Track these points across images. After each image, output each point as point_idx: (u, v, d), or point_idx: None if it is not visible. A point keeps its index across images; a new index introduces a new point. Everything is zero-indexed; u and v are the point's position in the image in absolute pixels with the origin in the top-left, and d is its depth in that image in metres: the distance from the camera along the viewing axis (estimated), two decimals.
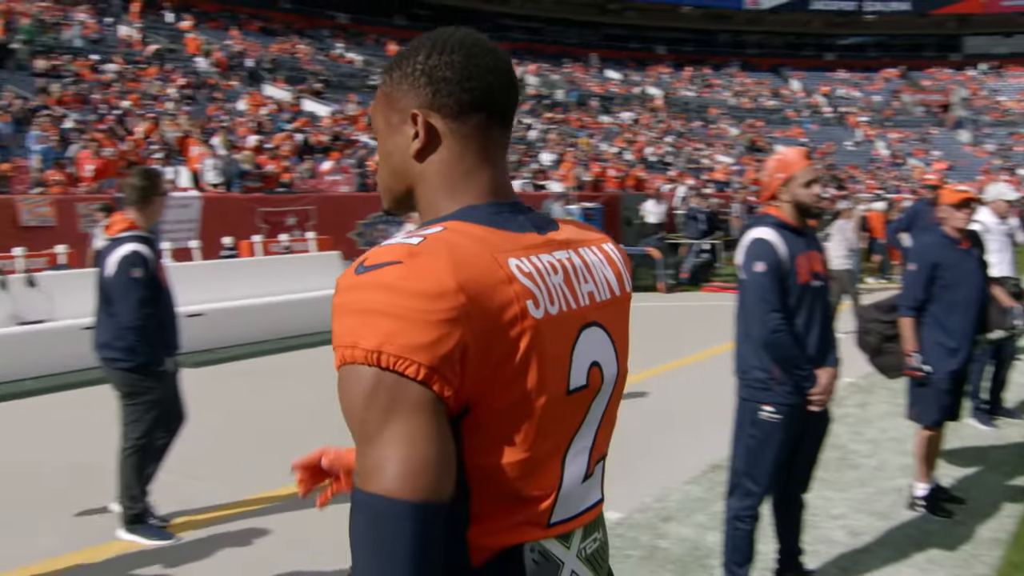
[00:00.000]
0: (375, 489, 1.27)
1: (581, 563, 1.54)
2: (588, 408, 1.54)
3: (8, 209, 16.42)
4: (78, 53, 29.63)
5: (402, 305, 1.28)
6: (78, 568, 5.38)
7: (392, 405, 1.28)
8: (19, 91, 24.21)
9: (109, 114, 23.49)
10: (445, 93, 1.51)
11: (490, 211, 1.49)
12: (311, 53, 41.60)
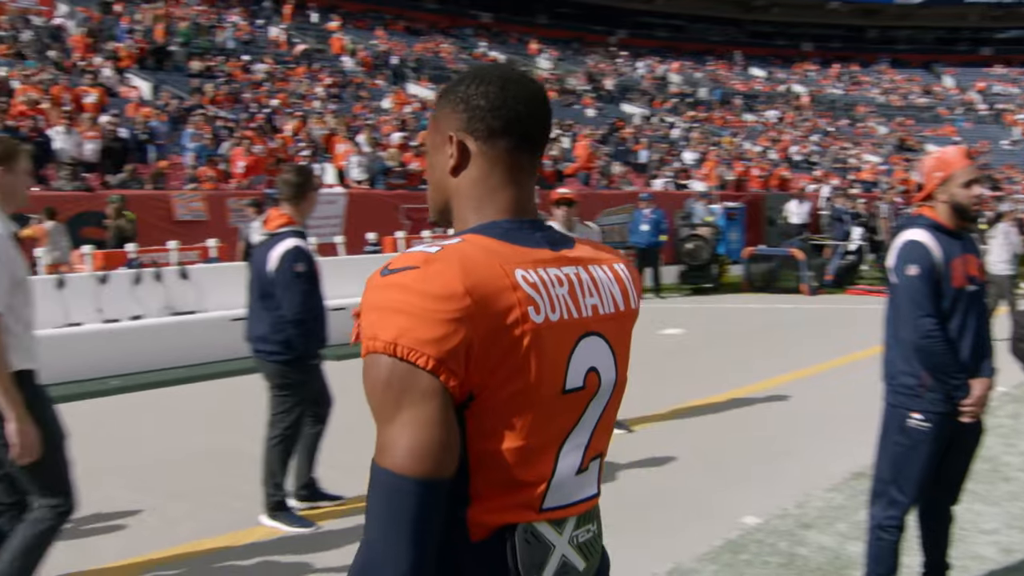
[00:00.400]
0: (387, 465, 1.50)
1: (573, 549, 1.71)
2: (584, 409, 1.71)
3: (163, 204, 17.03)
4: (231, 54, 30.56)
5: (416, 304, 1.49)
6: (220, 552, 5.51)
7: (404, 391, 1.50)
8: (175, 91, 25.12)
9: (259, 113, 24.17)
10: (478, 118, 1.71)
11: (508, 227, 1.68)
12: (454, 52, 42.06)
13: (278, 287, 5.57)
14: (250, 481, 6.19)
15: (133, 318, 11.58)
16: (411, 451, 1.48)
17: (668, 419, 8.47)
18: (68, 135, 18.42)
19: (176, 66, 28.18)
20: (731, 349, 12.36)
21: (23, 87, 21.25)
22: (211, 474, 6.95)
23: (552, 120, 1.82)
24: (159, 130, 21.22)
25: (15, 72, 22.79)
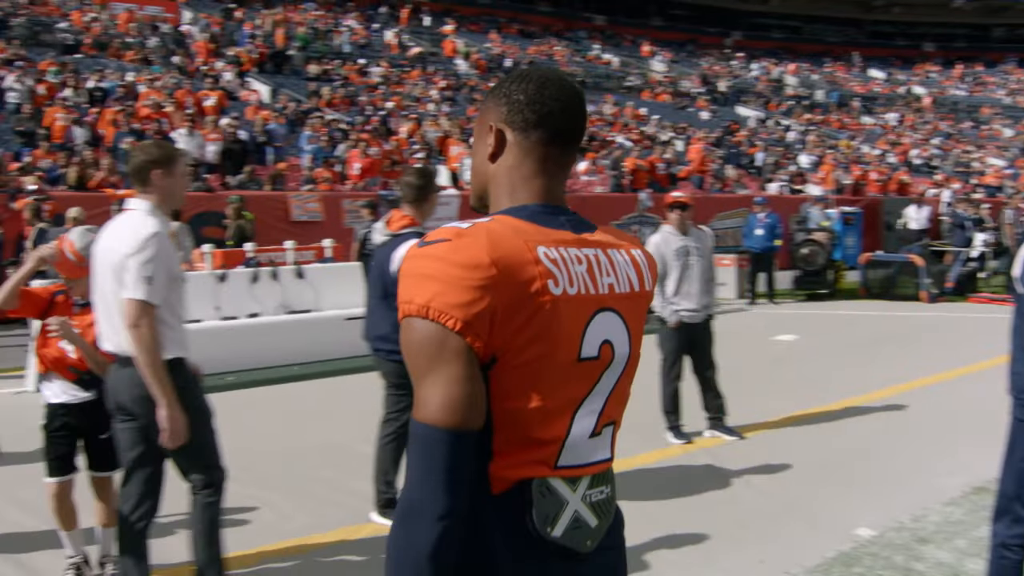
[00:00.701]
0: (421, 419, 1.69)
1: (586, 507, 1.88)
2: (599, 377, 1.87)
3: (281, 205, 17.38)
4: (347, 58, 31.08)
5: (447, 272, 1.68)
6: (330, 547, 5.59)
7: (436, 351, 1.68)
8: (293, 94, 25.64)
9: (375, 115, 24.50)
10: (516, 111, 1.91)
11: (535, 210, 1.87)
12: (568, 55, 42.06)
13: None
14: (362, 478, 6.24)
15: (250, 316, 11.79)
16: (442, 405, 1.67)
17: (780, 427, 8.32)
18: (190, 137, 18.94)
19: (294, 70, 28.79)
20: (846, 357, 12.09)
21: (148, 91, 21.94)
22: (324, 470, 7.05)
23: (586, 120, 2.00)
24: (277, 132, 21.69)
25: (141, 77, 23.56)
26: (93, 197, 15.59)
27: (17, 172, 16.13)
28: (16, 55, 23.29)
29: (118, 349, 4.18)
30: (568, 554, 1.84)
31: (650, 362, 8.32)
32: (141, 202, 4.25)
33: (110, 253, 4.13)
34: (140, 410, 4.17)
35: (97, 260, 4.24)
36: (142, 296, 4.01)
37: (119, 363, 4.21)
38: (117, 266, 4.06)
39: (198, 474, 4.38)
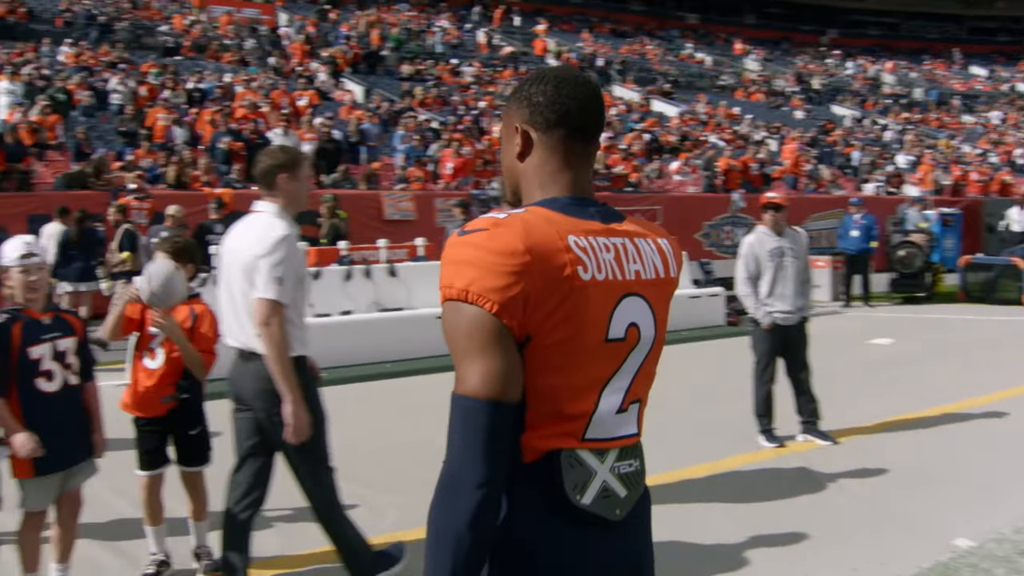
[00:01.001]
0: (462, 392, 1.81)
1: (614, 477, 1.99)
2: (625, 357, 1.99)
3: (374, 203, 17.56)
4: (439, 58, 31.30)
5: (484, 259, 1.81)
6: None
7: (474, 330, 1.80)
8: (386, 94, 25.91)
9: (467, 115, 24.62)
10: (537, 113, 2.04)
11: (566, 202, 1.99)
12: (660, 54, 41.83)
13: None
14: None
15: (343, 313, 11.91)
16: (481, 379, 1.79)
17: (875, 432, 8.15)
18: (285, 137, 19.22)
19: (387, 70, 29.08)
20: (944, 362, 11.80)
21: (245, 91, 22.35)
22: (416, 467, 7.09)
23: (604, 113, 2.12)
24: (371, 132, 21.94)
25: (238, 78, 24.02)
26: (191, 195, 15.92)
27: (119, 171, 16.53)
28: (119, 58, 23.94)
29: (243, 345, 4.37)
30: (598, 521, 1.96)
31: (742, 364, 8.26)
32: (268, 205, 4.43)
33: (240, 254, 4.30)
34: (260, 404, 4.36)
35: (225, 260, 4.44)
36: (273, 296, 4.17)
37: (243, 357, 4.40)
38: (248, 267, 4.23)
39: (308, 470, 4.52)
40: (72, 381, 4.57)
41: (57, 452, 4.46)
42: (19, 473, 4.46)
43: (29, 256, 4.46)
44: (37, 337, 4.43)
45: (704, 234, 21.40)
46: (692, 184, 23.44)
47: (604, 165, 22.20)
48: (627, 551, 2.05)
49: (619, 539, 2.02)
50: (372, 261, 12.94)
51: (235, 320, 4.41)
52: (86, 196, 15.24)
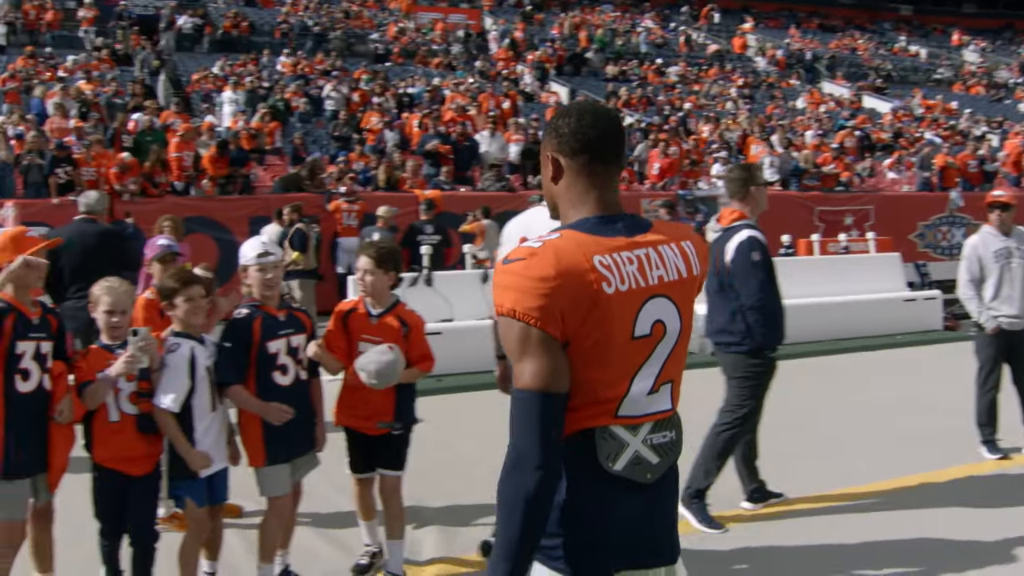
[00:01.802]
0: (519, 386, 2.21)
1: (647, 448, 2.34)
2: (653, 349, 2.33)
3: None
4: (644, 58, 31.05)
5: (522, 284, 2.18)
6: None
7: (525, 340, 2.19)
8: (591, 95, 25.84)
9: (673, 115, 24.32)
10: (564, 142, 2.39)
11: (594, 222, 2.33)
12: (872, 48, 40.27)
13: (736, 277, 5.73)
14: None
15: None
16: (533, 375, 2.19)
17: None
18: (492, 139, 19.40)
19: (592, 71, 29.03)
20: None
21: (453, 95, 22.70)
22: None
23: (623, 139, 2.44)
24: None
25: (447, 82, 24.41)
26: (401, 197, 16.24)
27: (335, 175, 17.01)
28: (333, 66, 24.70)
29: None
30: (631, 484, 2.32)
31: (962, 371, 7.75)
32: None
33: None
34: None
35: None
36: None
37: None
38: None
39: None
40: (303, 376, 4.76)
41: (288, 441, 4.67)
42: (254, 461, 4.68)
43: (266, 255, 4.67)
44: (275, 332, 4.63)
45: (919, 235, 20.44)
46: (906, 183, 22.41)
47: (813, 164, 21.49)
48: (656, 510, 2.40)
49: (649, 499, 2.37)
50: None
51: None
52: (301, 198, 15.71)
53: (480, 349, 10.28)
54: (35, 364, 4.28)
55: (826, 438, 7.76)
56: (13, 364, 4.24)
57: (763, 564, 5.28)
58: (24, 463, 4.27)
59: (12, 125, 16.87)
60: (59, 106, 17.95)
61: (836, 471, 6.82)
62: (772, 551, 5.44)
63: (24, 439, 4.25)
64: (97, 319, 4.51)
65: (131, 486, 4.41)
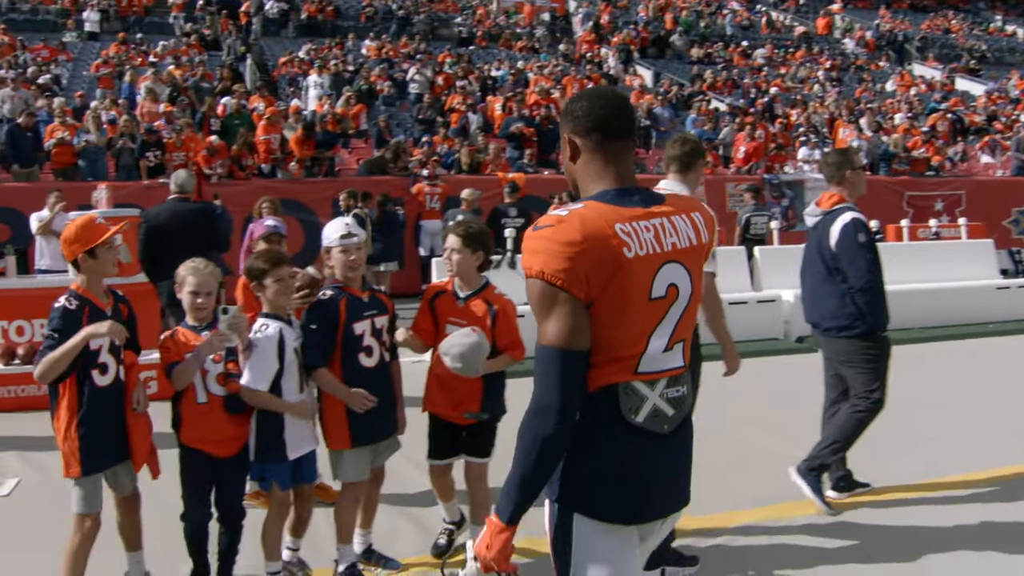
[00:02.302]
0: (544, 343, 2.41)
1: (663, 401, 2.54)
2: (667, 310, 2.51)
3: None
4: (730, 40, 30.65)
5: (550, 248, 2.36)
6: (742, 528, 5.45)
7: (550, 300, 2.38)
8: (676, 78, 25.60)
9: (759, 98, 23.97)
10: (579, 124, 2.58)
11: (613, 194, 2.51)
12: (965, 28, 39.19)
13: (843, 259, 5.67)
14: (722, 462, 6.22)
15: None
16: (557, 333, 2.39)
17: None
18: None
19: (676, 54, 28.74)
20: None
21: (536, 78, 22.64)
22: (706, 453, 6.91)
23: (632, 116, 2.62)
24: (661, 116, 21.70)
25: (530, 65, 24.36)
26: (485, 180, 16.25)
27: (420, 158, 17.08)
28: (417, 49, 24.80)
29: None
30: (650, 434, 2.52)
31: None
32: (676, 184, 5.03)
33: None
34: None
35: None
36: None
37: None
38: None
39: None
40: (386, 358, 4.74)
41: (371, 425, 4.63)
42: (335, 444, 4.65)
43: (349, 236, 4.62)
44: (360, 314, 4.61)
45: (1013, 221, 19.86)
46: (1000, 167, 21.81)
47: (903, 148, 21.02)
48: (673, 457, 2.62)
49: (667, 448, 2.58)
50: None
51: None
52: (386, 181, 15.84)
53: None
54: (111, 357, 4.24)
55: (917, 428, 7.56)
56: (91, 359, 4.19)
57: (844, 552, 5.20)
58: (102, 458, 4.26)
59: (105, 110, 17.21)
60: (150, 91, 18.33)
61: (926, 461, 6.69)
62: (855, 538, 5.37)
63: (103, 434, 4.22)
64: (182, 300, 4.51)
65: (219, 467, 4.44)
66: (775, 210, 17.63)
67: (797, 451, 6.02)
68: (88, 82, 21.28)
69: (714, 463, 5.97)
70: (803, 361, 10.18)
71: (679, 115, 22.34)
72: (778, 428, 7.45)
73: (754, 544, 5.33)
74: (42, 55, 22.62)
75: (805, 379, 7.52)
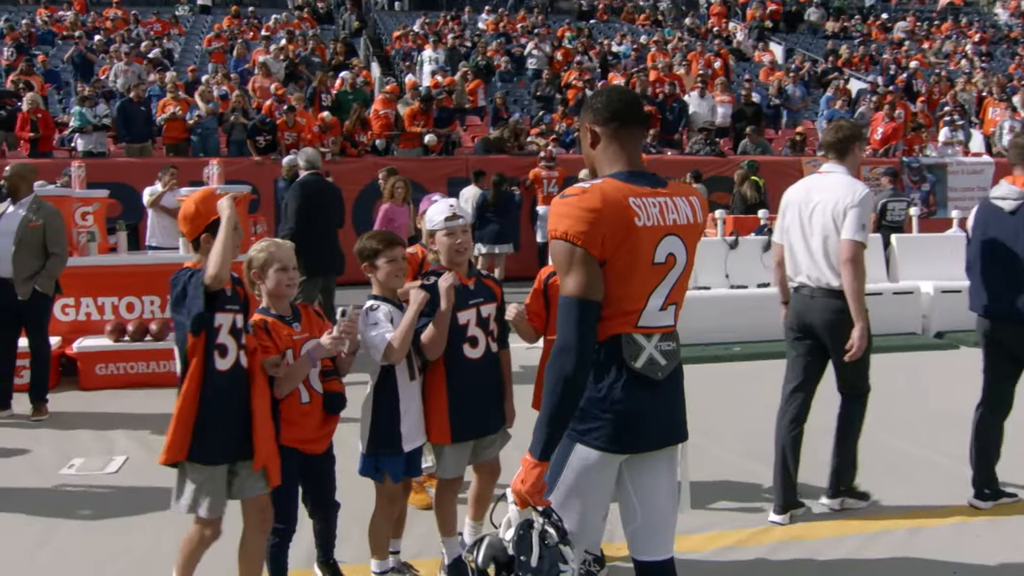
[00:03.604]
0: (564, 294, 2.84)
1: (657, 352, 2.99)
2: (665, 275, 2.96)
3: (795, 170, 16.56)
4: (868, 13, 29.28)
5: (575, 213, 2.80)
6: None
7: (571, 257, 2.81)
8: (809, 54, 24.44)
9: (899, 75, 22.70)
10: (598, 115, 3.04)
11: (626, 175, 2.96)
12: None
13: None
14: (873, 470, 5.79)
15: (760, 285, 11.07)
16: (576, 285, 2.80)
17: None
18: (702, 100, 18.47)
19: (811, 28, 27.56)
20: None
21: (659, 53, 21.82)
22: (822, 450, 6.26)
23: (643, 112, 3.10)
24: (793, 95, 20.62)
25: (653, 40, 23.52)
26: None
27: (536, 136, 16.52)
28: (535, 23, 24.20)
29: (814, 283, 5.21)
30: (646, 379, 2.96)
31: None
32: (838, 167, 5.27)
33: (827, 204, 5.10)
34: (826, 332, 5.25)
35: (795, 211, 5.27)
36: (860, 239, 5.02)
37: (810, 294, 5.25)
38: (836, 214, 5.06)
39: (855, 383, 5.43)
40: (493, 348, 4.53)
41: (474, 420, 4.46)
42: (436, 438, 4.44)
43: (454, 218, 4.42)
44: (464, 302, 4.40)
45: None
46: None
47: None
48: (665, 400, 3.03)
49: (661, 392, 3.00)
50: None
51: (808, 260, 5.23)
52: (503, 160, 15.34)
53: (686, 319, 9.86)
54: (231, 339, 3.90)
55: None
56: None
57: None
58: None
59: (217, 84, 17.07)
60: (262, 65, 18.11)
61: None
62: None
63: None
64: (268, 283, 4.16)
65: (310, 463, 4.28)
66: (914, 196, 16.71)
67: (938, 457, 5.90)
68: (200, 56, 21.30)
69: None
70: (942, 358, 9.75)
71: (811, 93, 21.22)
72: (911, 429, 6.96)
73: None
74: (155, 29, 22.75)
75: (944, 377, 6.76)
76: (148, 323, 8.91)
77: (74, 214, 9.38)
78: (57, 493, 5.90)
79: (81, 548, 5.01)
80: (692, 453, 4.66)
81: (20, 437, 7.13)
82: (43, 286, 7.52)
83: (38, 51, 19.89)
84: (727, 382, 8.72)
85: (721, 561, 4.83)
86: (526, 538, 2.88)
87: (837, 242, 5.06)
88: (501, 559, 2.95)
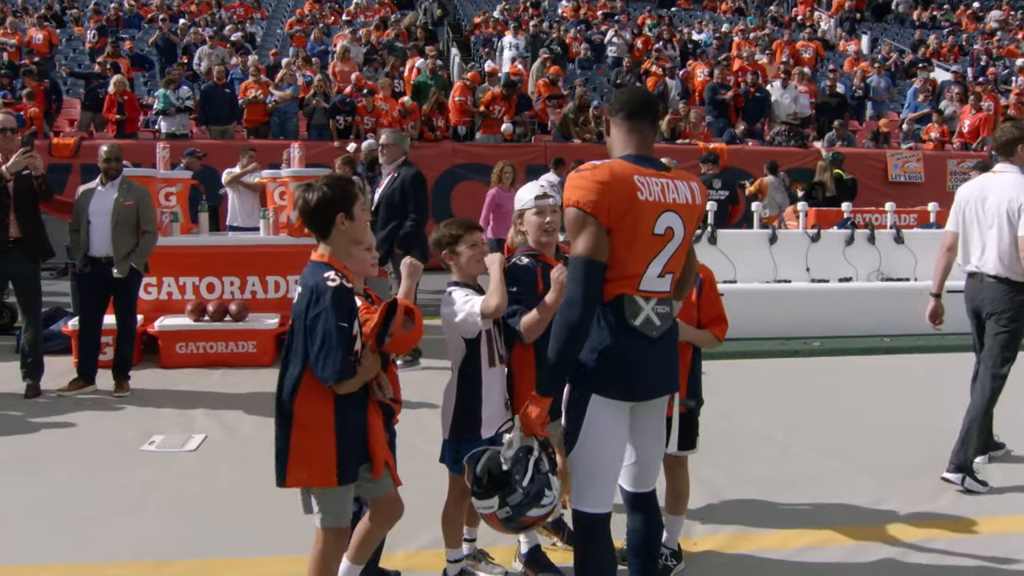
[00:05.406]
0: (574, 254, 3.21)
1: (653, 314, 3.33)
2: (664, 246, 3.30)
3: (879, 163, 16.28)
4: (958, 2, 28.60)
5: (587, 184, 3.17)
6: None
7: (582, 223, 3.17)
8: (896, 44, 23.94)
9: (991, 66, 22.12)
10: (612, 108, 3.47)
11: (634, 158, 3.33)
12: None
13: None
14: (938, 461, 5.77)
15: (842, 280, 10.90)
16: (585, 247, 3.16)
17: None
18: (784, 90, 18.17)
19: (898, 18, 27.00)
20: None
21: (742, 42, 21.54)
22: (897, 449, 6.37)
23: (653, 106, 3.48)
24: (877, 86, 20.21)
25: (736, 28, 23.21)
26: (685, 149, 15.56)
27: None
28: (615, 10, 24.01)
29: (989, 271, 5.67)
30: (644, 337, 3.32)
31: None
32: (1010, 167, 5.67)
33: (1001, 201, 5.54)
34: (1000, 311, 5.64)
35: (971, 205, 5.77)
36: None
37: (980, 279, 5.73)
38: (1011, 211, 5.51)
39: (994, 367, 5.73)
40: None
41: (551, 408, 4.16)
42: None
43: (544, 197, 4.38)
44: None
45: None
46: None
47: None
48: (660, 356, 3.40)
49: (656, 348, 3.36)
50: (877, 226, 11.72)
51: (985, 251, 5.68)
52: (582, 148, 15.31)
53: (766, 312, 9.75)
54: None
55: None
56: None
57: None
58: (357, 461, 3.61)
59: (298, 68, 17.18)
60: (344, 50, 18.16)
61: None
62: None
63: (356, 435, 3.61)
64: (357, 263, 3.91)
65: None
66: None
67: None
68: (282, 40, 21.47)
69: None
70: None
71: (897, 84, 20.77)
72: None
73: None
74: (238, 12, 23.00)
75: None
76: (228, 303, 9.04)
77: (158, 194, 9.50)
78: (138, 468, 5.98)
79: (159, 522, 5.08)
80: (771, 450, 5.41)
81: (103, 412, 7.29)
82: (138, 264, 7.78)
83: (125, 35, 20.21)
84: (806, 378, 8.60)
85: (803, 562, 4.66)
86: (523, 461, 3.33)
87: (1009, 235, 5.50)
88: (495, 472, 3.35)
